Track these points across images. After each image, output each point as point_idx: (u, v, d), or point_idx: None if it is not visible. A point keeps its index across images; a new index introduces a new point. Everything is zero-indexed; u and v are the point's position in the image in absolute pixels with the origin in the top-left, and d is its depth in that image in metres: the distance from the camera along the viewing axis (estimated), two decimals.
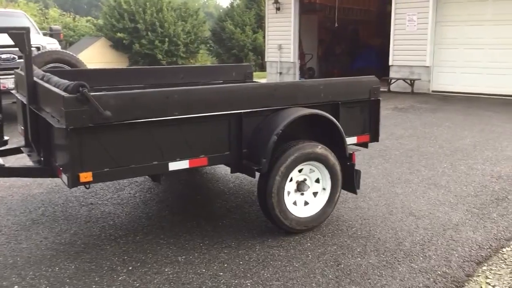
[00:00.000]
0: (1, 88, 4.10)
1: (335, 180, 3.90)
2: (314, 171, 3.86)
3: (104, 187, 4.97)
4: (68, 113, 2.93)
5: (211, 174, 5.49)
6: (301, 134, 3.86)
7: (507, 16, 11.95)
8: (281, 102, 3.77)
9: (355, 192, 4.08)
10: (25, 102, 3.90)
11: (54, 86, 3.34)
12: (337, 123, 3.85)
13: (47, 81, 3.58)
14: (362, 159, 6.04)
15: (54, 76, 3.68)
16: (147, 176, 4.62)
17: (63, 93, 3.02)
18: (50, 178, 4.83)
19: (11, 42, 3.66)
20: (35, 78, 3.77)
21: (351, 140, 4.19)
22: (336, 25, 16.75)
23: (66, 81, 3.32)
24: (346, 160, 3.97)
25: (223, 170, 5.55)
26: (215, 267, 3.29)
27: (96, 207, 4.45)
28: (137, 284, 3.06)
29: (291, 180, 3.74)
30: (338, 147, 3.91)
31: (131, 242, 3.68)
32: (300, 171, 3.79)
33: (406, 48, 13.53)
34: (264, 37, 19.16)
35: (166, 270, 3.25)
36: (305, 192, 3.85)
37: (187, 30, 31.36)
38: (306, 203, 3.88)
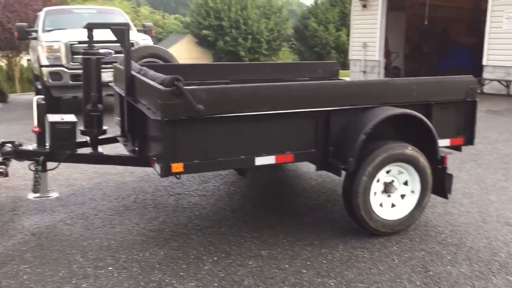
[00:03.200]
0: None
1: (425, 183, 3.74)
2: (402, 172, 3.73)
3: (190, 178, 5.13)
4: (164, 105, 3.05)
5: (293, 171, 5.48)
6: (389, 134, 3.74)
7: None
8: (371, 100, 3.68)
9: (446, 197, 3.89)
10: (122, 94, 4.12)
11: (151, 79, 3.49)
12: (430, 124, 3.69)
13: (144, 75, 3.75)
14: (452, 163, 5.72)
15: (150, 70, 3.85)
16: (231, 170, 4.72)
17: (159, 87, 3.14)
18: (141, 167, 5.08)
19: (108, 38, 3.86)
20: (132, 72, 3.97)
21: (443, 143, 4.00)
22: (426, 22, 16.06)
23: (161, 75, 3.46)
24: (437, 163, 3.79)
25: (305, 167, 5.52)
26: (298, 264, 3.29)
27: (183, 197, 4.61)
28: (222, 275, 3.13)
29: (378, 181, 3.64)
30: (429, 149, 3.75)
31: (216, 234, 3.77)
32: (388, 172, 3.68)
33: (502, 47, 12.66)
34: (347, 35, 18.81)
35: (250, 263, 3.30)
36: (392, 194, 3.74)
37: (270, 27, 31.59)
38: (393, 205, 3.76)
